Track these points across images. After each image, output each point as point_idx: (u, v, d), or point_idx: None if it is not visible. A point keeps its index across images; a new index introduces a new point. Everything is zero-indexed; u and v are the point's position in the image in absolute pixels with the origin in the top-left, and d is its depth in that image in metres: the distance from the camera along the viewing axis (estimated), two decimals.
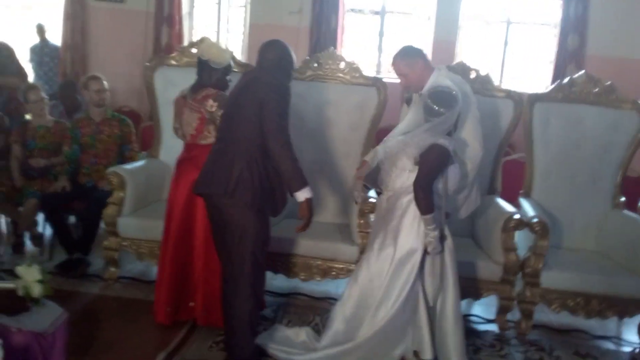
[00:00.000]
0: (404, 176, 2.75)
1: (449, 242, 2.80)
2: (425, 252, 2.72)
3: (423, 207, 2.64)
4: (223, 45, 3.25)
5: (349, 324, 2.83)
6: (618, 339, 3.56)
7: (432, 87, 2.76)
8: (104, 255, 3.67)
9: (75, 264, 3.83)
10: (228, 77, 3.15)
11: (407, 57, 2.92)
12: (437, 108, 2.65)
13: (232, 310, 2.71)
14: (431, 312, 2.77)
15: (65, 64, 6.28)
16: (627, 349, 3.48)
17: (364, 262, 2.85)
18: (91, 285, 3.63)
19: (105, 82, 4.13)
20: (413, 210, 2.70)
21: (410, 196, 2.70)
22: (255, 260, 2.68)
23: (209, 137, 3.08)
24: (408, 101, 3.02)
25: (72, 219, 4.13)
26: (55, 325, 2.26)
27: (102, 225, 3.73)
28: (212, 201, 2.71)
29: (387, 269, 2.73)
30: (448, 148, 2.65)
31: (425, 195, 2.63)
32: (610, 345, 3.49)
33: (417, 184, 2.65)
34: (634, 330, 3.56)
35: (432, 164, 2.65)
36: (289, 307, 3.55)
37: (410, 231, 2.71)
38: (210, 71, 3.09)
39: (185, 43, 6.26)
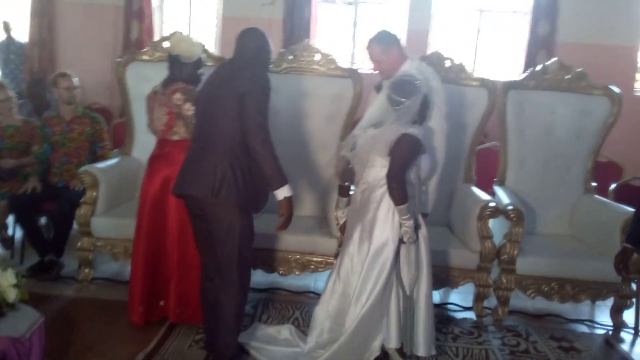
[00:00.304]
0: (376, 169, 2.74)
1: (423, 231, 2.79)
2: (401, 242, 2.72)
3: (397, 198, 2.63)
4: (194, 39, 3.20)
5: (333, 321, 2.82)
6: (591, 322, 3.63)
7: (395, 77, 2.76)
8: (78, 257, 3.61)
9: (48, 267, 3.75)
10: (200, 71, 3.11)
11: (383, 42, 2.93)
12: (397, 97, 2.65)
13: (219, 307, 2.68)
14: (408, 301, 2.78)
15: (32, 62, 6.14)
16: (600, 331, 3.55)
17: (345, 257, 2.84)
18: (66, 288, 3.57)
19: (75, 79, 4.05)
20: (387, 201, 2.70)
21: (383, 189, 2.69)
22: (242, 256, 2.66)
23: (179, 133, 3.05)
24: (378, 88, 2.99)
25: (43, 220, 4.04)
26: (32, 329, 2.22)
27: (75, 225, 3.68)
28: (195, 201, 2.66)
29: (364, 261, 2.73)
30: (418, 137, 2.64)
31: (398, 186, 2.63)
32: (584, 329, 3.56)
33: (390, 175, 2.64)
34: (607, 312, 3.63)
35: (404, 154, 2.64)
36: (268, 302, 3.54)
37: (385, 223, 2.71)
38: (180, 66, 3.06)
39: (156, 37, 6.16)
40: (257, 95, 2.55)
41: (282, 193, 2.60)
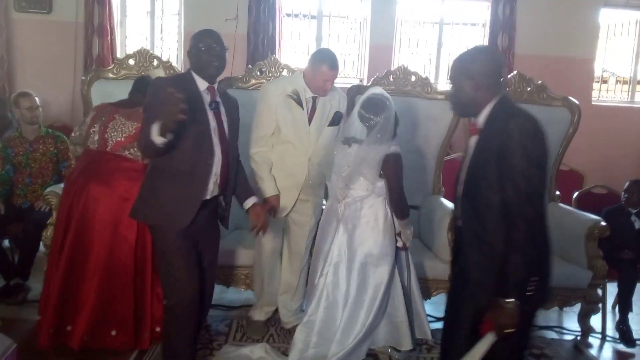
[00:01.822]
0: (362, 186, 2.80)
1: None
2: (399, 249, 2.91)
3: (403, 212, 2.85)
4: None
5: (319, 335, 2.85)
6: (560, 328, 3.74)
7: (365, 96, 2.88)
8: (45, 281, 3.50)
9: (14, 291, 3.65)
10: None
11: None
12: (368, 115, 2.77)
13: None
14: (406, 292, 2.95)
15: None
16: (569, 337, 3.65)
17: (329, 272, 2.86)
18: (33, 312, 3.44)
19: (36, 98, 3.97)
20: (381, 216, 2.84)
21: (374, 204, 2.81)
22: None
23: (133, 153, 3.04)
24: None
25: (7, 242, 3.92)
26: (5, 357, 2.15)
27: (42, 247, 3.58)
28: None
29: (354, 274, 2.78)
30: (399, 153, 2.79)
31: (402, 203, 2.82)
32: (553, 335, 3.65)
33: (392, 197, 2.80)
34: (574, 318, 3.73)
35: (397, 172, 2.80)
36: (242, 320, 3.51)
37: (381, 236, 2.83)
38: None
39: (119, 53, 6.07)
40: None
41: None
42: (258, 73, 3.87)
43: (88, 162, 3.10)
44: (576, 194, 4.18)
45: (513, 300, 1.85)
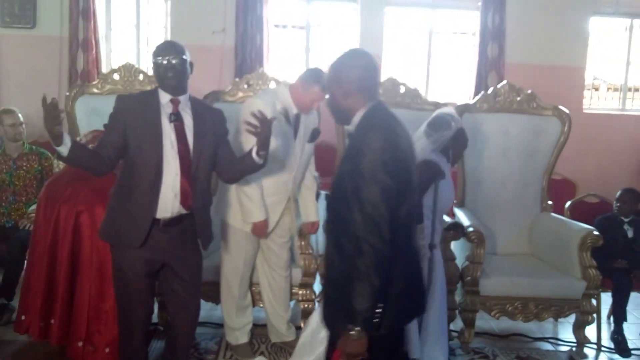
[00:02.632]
0: None
1: (438, 252, 2.95)
2: None
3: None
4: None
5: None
6: (555, 340, 3.69)
7: (432, 115, 3.02)
8: None
9: None
10: None
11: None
12: (430, 131, 2.92)
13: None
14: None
15: None
16: (564, 348, 3.61)
17: None
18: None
19: (20, 115, 3.90)
20: None
21: None
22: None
23: None
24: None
25: None
26: None
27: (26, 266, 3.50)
28: None
29: None
30: (437, 163, 2.82)
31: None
32: (548, 346, 3.61)
33: None
34: (569, 329, 3.69)
35: (421, 178, 2.71)
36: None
37: None
38: None
39: (104, 68, 6.01)
40: None
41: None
42: (245, 86, 3.82)
43: (77, 171, 3.01)
44: (568, 203, 4.14)
45: (359, 328, 1.74)
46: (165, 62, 2.45)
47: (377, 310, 1.77)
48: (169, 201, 2.47)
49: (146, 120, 2.45)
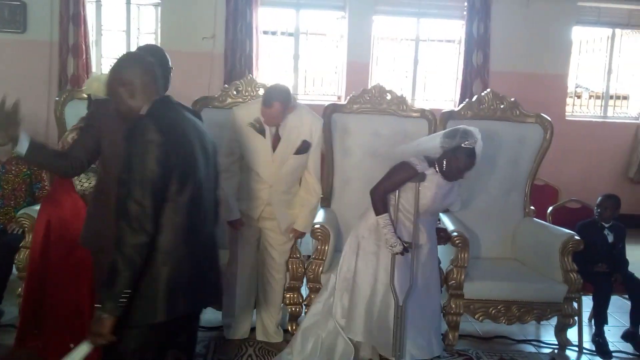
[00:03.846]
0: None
1: (423, 251, 3.13)
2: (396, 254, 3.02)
3: (375, 210, 3.07)
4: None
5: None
6: (538, 342, 3.76)
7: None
8: (18, 304, 3.43)
9: None
10: None
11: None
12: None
13: None
14: (399, 310, 3.00)
15: None
16: (546, 350, 3.68)
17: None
18: (6, 336, 3.38)
19: None
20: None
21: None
22: None
23: None
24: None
25: None
26: None
27: (14, 271, 3.50)
28: None
29: None
30: (415, 166, 3.00)
31: (374, 199, 3.07)
32: (531, 349, 3.68)
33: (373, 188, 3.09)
34: (551, 331, 3.76)
35: (390, 171, 3.07)
36: (219, 341, 3.47)
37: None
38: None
39: (94, 72, 6.04)
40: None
41: None
42: (234, 92, 3.86)
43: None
44: (550, 208, 4.22)
45: (107, 310, 1.82)
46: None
47: (124, 296, 1.83)
48: None
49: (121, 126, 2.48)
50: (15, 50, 5.97)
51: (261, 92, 3.86)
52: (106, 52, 6.45)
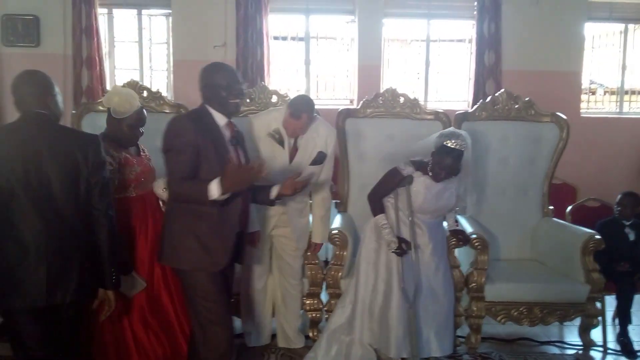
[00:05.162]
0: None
1: (426, 252, 3.24)
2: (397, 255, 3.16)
3: (372, 211, 3.31)
4: (130, 95, 2.98)
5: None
6: (562, 343, 3.73)
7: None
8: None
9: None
10: (130, 129, 2.94)
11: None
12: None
13: None
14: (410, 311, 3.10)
15: None
16: (571, 351, 3.64)
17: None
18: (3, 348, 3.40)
19: None
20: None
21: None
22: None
23: None
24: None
25: None
26: None
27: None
28: None
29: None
30: (402, 171, 3.20)
31: (370, 200, 3.32)
32: (555, 350, 3.65)
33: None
34: (575, 332, 3.73)
35: (381, 178, 3.29)
36: (241, 349, 3.48)
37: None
38: (111, 121, 2.96)
39: (108, 84, 6.09)
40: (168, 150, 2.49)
41: (214, 191, 2.33)
42: (247, 100, 3.88)
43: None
44: (569, 208, 4.18)
45: None
46: (233, 85, 2.54)
47: None
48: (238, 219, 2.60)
49: (214, 142, 2.48)
50: (29, 64, 5.86)
51: (274, 99, 3.89)
52: (119, 63, 6.50)
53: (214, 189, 2.30)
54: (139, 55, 6.49)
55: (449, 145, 3.08)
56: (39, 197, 2.25)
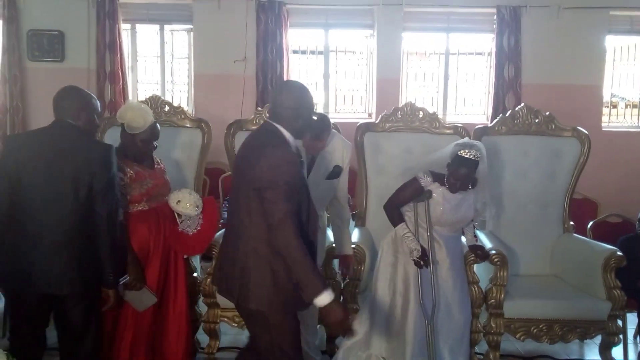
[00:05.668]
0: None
1: (443, 268, 3.21)
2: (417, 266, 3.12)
3: (390, 220, 3.27)
4: (143, 110, 3.00)
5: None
6: None
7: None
8: None
9: None
10: (143, 144, 2.98)
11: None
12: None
13: None
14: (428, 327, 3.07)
15: (4, 129, 6.11)
16: None
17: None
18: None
19: None
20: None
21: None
22: None
23: None
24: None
25: None
26: None
27: None
28: None
29: None
30: (421, 183, 3.17)
31: (386, 210, 3.28)
32: None
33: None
34: (596, 350, 3.67)
35: (399, 187, 3.26)
36: None
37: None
38: (125, 135, 3.00)
39: (131, 98, 6.20)
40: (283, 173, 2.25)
41: (324, 299, 2.19)
42: (267, 115, 3.90)
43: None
44: (590, 223, 4.14)
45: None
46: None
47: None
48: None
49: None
50: (54, 78, 6.11)
51: None
52: (141, 77, 6.62)
53: (326, 298, 2.18)
54: (161, 70, 6.61)
55: (463, 155, 3.07)
56: (47, 195, 2.49)
